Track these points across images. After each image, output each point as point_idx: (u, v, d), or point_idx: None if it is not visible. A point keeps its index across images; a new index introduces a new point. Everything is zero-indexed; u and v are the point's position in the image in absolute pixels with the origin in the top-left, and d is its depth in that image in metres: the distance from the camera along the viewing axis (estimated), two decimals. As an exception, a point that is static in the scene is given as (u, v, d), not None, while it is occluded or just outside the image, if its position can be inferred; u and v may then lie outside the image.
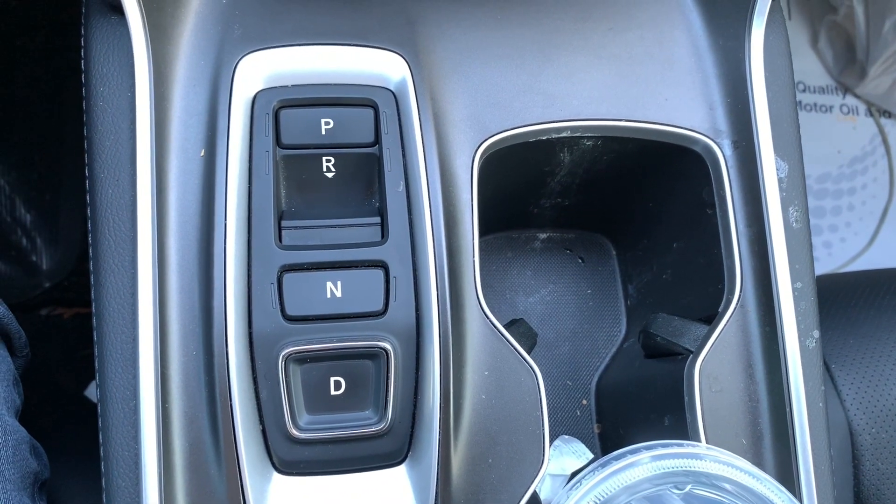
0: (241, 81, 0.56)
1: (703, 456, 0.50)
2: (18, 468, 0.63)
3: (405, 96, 0.58)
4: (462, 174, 0.58)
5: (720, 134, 0.62)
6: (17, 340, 0.69)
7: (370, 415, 0.54)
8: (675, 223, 0.69)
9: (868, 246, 1.88)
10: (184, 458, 0.52)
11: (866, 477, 0.82)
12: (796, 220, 0.61)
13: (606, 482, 0.50)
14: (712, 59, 0.63)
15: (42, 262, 1.39)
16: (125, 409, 0.52)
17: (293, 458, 0.54)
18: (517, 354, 0.57)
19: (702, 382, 0.58)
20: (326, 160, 0.57)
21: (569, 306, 0.80)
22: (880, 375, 0.84)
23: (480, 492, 0.55)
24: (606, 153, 0.66)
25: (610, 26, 0.63)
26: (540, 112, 0.60)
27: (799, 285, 0.60)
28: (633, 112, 0.62)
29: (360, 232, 0.56)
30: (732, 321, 0.60)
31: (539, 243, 0.81)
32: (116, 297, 0.54)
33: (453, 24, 0.61)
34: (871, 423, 0.83)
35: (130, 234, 0.54)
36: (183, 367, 0.53)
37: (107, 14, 0.56)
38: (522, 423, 0.56)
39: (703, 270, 0.65)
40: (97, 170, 0.55)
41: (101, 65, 0.56)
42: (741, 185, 0.61)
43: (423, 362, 0.54)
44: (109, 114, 0.55)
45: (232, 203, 0.54)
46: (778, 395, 0.59)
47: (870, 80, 1.88)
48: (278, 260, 0.53)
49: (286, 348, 0.52)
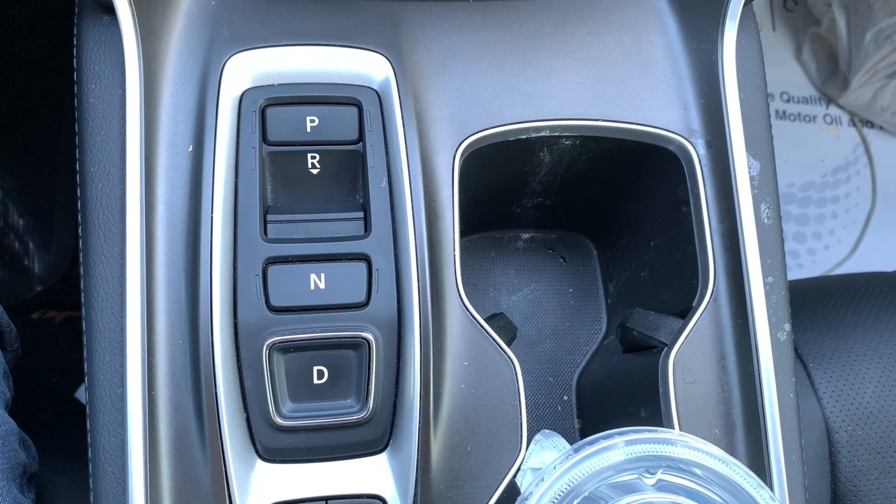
0: (229, 80, 0.58)
1: (676, 441, 0.51)
2: (7, 459, 0.64)
3: (388, 96, 0.59)
4: (443, 171, 0.60)
5: (694, 133, 0.64)
6: (8, 335, 0.70)
7: (352, 403, 0.55)
8: (653, 222, 0.71)
9: (851, 254, 1.91)
10: (169, 444, 0.53)
11: (843, 473, 0.84)
12: (768, 216, 0.63)
13: (575, 468, 0.50)
14: (687, 62, 0.65)
15: (34, 266, 1.40)
16: (112, 395, 0.54)
17: (276, 445, 0.55)
18: (496, 346, 0.59)
19: (676, 374, 0.60)
20: (311, 157, 0.58)
21: (551, 304, 0.81)
22: (857, 374, 0.86)
23: (459, 478, 0.56)
24: (585, 153, 0.67)
25: (588, 30, 0.65)
26: (520, 111, 0.62)
27: (770, 280, 0.62)
28: (611, 112, 0.63)
29: (344, 226, 0.57)
30: (706, 315, 0.61)
31: (522, 243, 0.82)
32: (105, 287, 0.55)
33: (436, 27, 0.62)
34: (847, 421, 0.84)
35: (120, 227, 0.55)
36: (169, 356, 0.54)
37: (99, 14, 0.58)
38: (501, 412, 0.58)
39: (678, 267, 0.66)
40: (88, 164, 0.56)
41: (93, 63, 0.57)
42: (714, 183, 0.63)
43: (405, 352, 0.55)
44: (100, 110, 0.57)
45: (219, 197, 0.56)
46: (750, 387, 0.60)
47: (852, 91, 1.91)
48: (263, 252, 0.55)
49: (270, 338, 0.53)
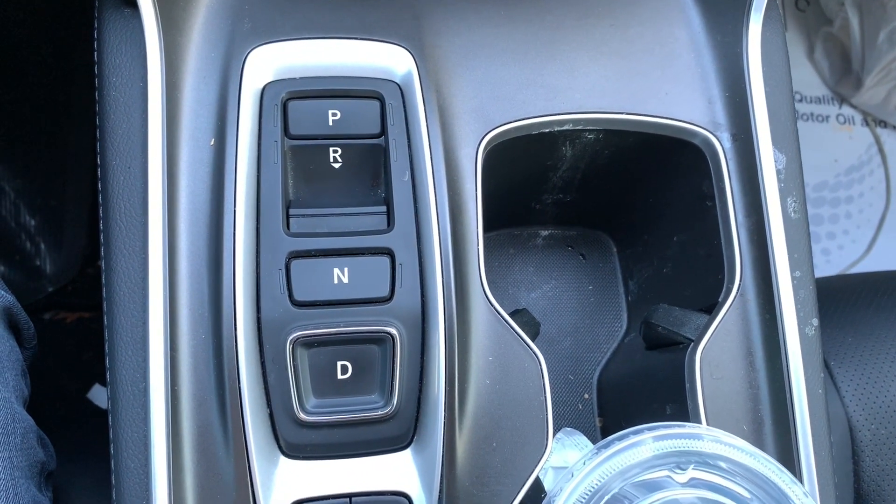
0: (251, 73, 0.57)
1: (705, 437, 0.50)
2: (26, 456, 0.63)
3: (411, 89, 0.59)
4: (466, 165, 0.59)
5: (719, 127, 0.63)
6: (26, 332, 0.70)
7: (376, 399, 0.55)
8: (676, 217, 0.70)
9: (865, 253, 1.89)
10: (192, 440, 0.53)
11: (866, 473, 0.83)
12: (794, 210, 0.62)
13: (605, 464, 0.50)
14: (711, 55, 0.64)
15: (46, 267, 1.39)
16: (135, 391, 0.53)
17: (300, 441, 0.54)
18: (521, 341, 0.58)
19: (703, 370, 0.59)
20: (333, 150, 0.58)
21: (570, 302, 0.80)
22: (879, 372, 0.85)
23: (485, 475, 0.56)
24: (608, 147, 0.67)
25: (611, 23, 0.64)
26: (543, 105, 0.62)
27: (798, 274, 0.61)
28: (634, 106, 0.63)
29: (367, 220, 0.57)
30: (732, 310, 0.61)
31: (541, 240, 0.82)
32: (127, 282, 0.54)
33: (459, 20, 0.62)
34: (870, 420, 0.83)
35: (142, 221, 0.55)
36: (192, 351, 0.54)
37: (120, 7, 0.57)
38: (526, 408, 0.57)
39: (703, 262, 0.66)
40: (110, 158, 0.56)
41: (114, 56, 0.57)
42: (740, 177, 0.62)
43: (429, 347, 0.55)
44: (122, 103, 0.56)
45: (241, 191, 0.55)
46: (778, 382, 0.59)
47: (865, 91, 1.90)
48: (286, 246, 0.54)
49: (294, 333, 0.53)
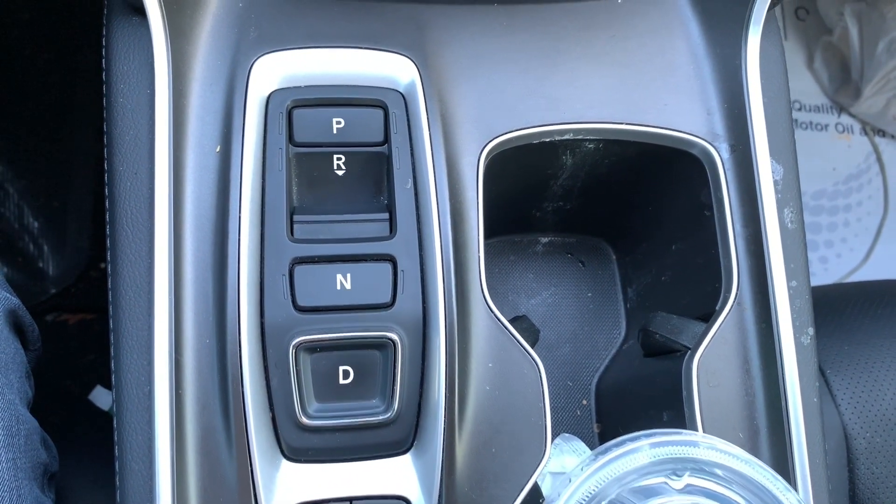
0: (257, 81, 0.58)
1: (701, 444, 0.51)
2: (30, 458, 0.64)
3: (414, 98, 0.59)
4: (468, 173, 0.60)
5: (718, 137, 0.64)
6: (31, 334, 0.70)
7: (377, 403, 0.56)
8: (674, 226, 0.71)
9: (863, 262, 1.90)
10: (196, 443, 0.54)
11: (861, 481, 0.83)
12: (791, 220, 0.63)
13: (602, 470, 0.50)
14: (710, 66, 0.65)
15: (49, 269, 1.40)
16: (139, 394, 0.54)
17: (301, 444, 0.55)
18: (521, 347, 0.59)
19: (699, 378, 0.60)
20: (337, 158, 0.58)
21: (569, 309, 0.81)
22: (875, 381, 0.86)
23: (484, 480, 0.56)
24: (608, 156, 0.68)
25: (612, 34, 0.65)
26: (543, 115, 0.62)
27: (794, 284, 0.62)
28: (634, 116, 0.64)
29: (370, 227, 0.58)
30: (729, 318, 0.61)
31: (541, 247, 0.83)
32: (133, 286, 0.55)
33: (462, 30, 0.63)
34: (865, 428, 0.84)
35: (148, 226, 0.55)
36: (196, 355, 0.54)
37: (128, 15, 0.58)
38: (525, 414, 0.58)
39: (700, 271, 0.67)
40: (117, 164, 0.57)
41: (122, 63, 0.58)
42: (738, 188, 0.63)
43: (430, 353, 0.56)
44: (129, 110, 0.57)
45: (246, 198, 0.56)
46: (774, 390, 0.60)
47: (864, 100, 1.91)
48: (290, 252, 0.55)
49: (297, 337, 0.54)
